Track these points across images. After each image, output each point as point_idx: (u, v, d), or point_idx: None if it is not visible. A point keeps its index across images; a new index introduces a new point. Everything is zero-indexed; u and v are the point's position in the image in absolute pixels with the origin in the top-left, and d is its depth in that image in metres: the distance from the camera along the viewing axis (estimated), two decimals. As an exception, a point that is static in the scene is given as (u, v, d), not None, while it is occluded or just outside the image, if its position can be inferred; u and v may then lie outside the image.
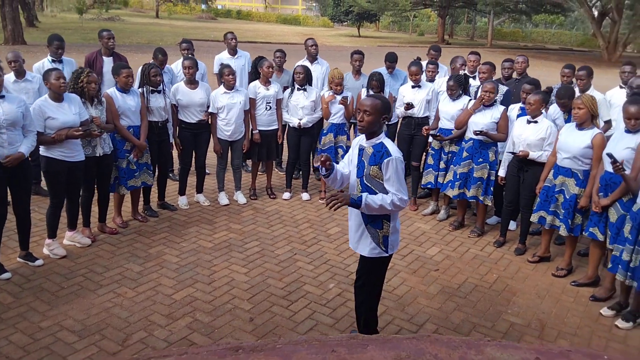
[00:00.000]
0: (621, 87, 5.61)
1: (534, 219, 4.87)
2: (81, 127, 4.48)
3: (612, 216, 4.19)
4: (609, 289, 4.41)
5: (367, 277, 3.43)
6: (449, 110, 5.67)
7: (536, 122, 4.87)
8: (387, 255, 3.35)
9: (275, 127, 6.20)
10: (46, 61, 5.90)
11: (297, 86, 6.08)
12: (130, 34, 28.54)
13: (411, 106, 5.88)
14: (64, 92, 4.46)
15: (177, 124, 5.77)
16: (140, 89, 5.31)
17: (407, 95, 6.04)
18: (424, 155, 6.21)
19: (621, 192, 4.08)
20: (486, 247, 5.36)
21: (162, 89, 5.45)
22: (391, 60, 6.58)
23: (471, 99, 5.65)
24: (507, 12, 43.75)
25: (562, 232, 4.64)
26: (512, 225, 5.68)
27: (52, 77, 4.35)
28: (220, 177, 6.15)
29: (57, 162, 4.47)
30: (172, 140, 5.73)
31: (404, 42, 39.08)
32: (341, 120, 6.11)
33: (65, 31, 25.20)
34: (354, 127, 6.61)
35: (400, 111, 6.12)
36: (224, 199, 6.13)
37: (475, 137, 5.30)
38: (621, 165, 3.86)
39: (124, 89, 5.08)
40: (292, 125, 6.19)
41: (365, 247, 3.33)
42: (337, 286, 4.43)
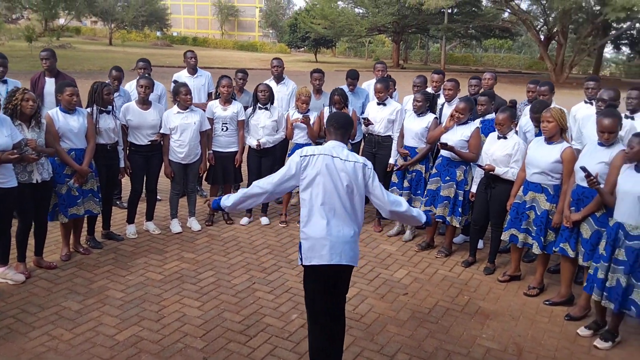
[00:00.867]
0: (586, 102, 5.59)
1: (505, 237, 4.67)
2: (15, 150, 4.01)
3: (585, 232, 4.04)
4: (583, 307, 4.23)
5: None
6: (413, 127, 5.49)
7: (505, 138, 4.74)
8: (303, 264, 3.10)
9: (233, 149, 5.86)
10: None
11: (259, 105, 5.80)
12: (81, 60, 27.64)
13: (369, 122, 5.67)
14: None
15: (127, 147, 5.35)
16: (88, 109, 4.89)
17: (371, 112, 5.85)
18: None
19: (594, 206, 3.94)
20: (455, 268, 5.13)
21: (112, 109, 5.06)
22: (353, 77, 6.40)
23: (436, 117, 5.51)
24: (458, 37, 45.38)
25: (536, 250, 4.46)
26: (480, 244, 5.49)
27: None
28: (173, 203, 5.73)
29: (-17, 188, 3.98)
30: (122, 164, 5.30)
31: (360, 67, 39.37)
32: (305, 140, 5.83)
33: (13, 59, 24.11)
34: None
35: (363, 128, 5.93)
36: (176, 227, 5.70)
37: (444, 154, 5.14)
38: (596, 179, 3.72)
39: (68, 109, 4.66)
40: (250, 145, 5.88)
41: None
42: (300, 316, 4.05)
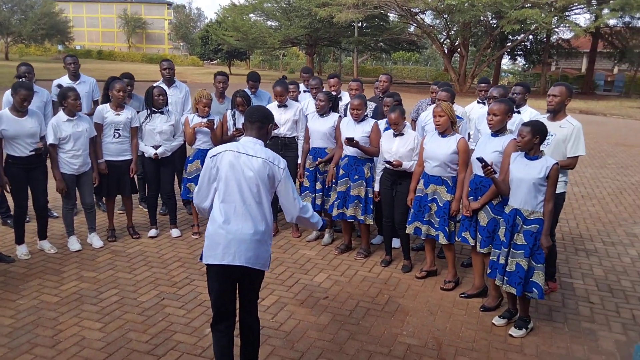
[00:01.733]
0: (479, 103, 5.93)
1: (410, 230, 4.73)
2: None
3: (483, 220, 4.16)
4: (495, 297, 4.33)
5: None
6: (318, 128, 5.42)
7: (402, 134, 4.80)
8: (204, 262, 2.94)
9: (126, 157, 5.42)
10: None
11: (154, 109, 5.44)
12: (-30, 74, 25.31)
13: (276, 126, 5.53)
14: None
15: (4, 160, 4.79)
16: None
17: (275, 114, 5.69)
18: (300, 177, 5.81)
19: (491, 195, 4.08)
20: (374, 268, 5.09)
21: None
22: (254, 79, 6.25)
23: (340, 116, 5.49)
24: (369, 50, 46.80)
25: (442, 240, 4.53)
26: (396, 242, 5.50)
27: None
28: (68, 219, 5.22)
29: None
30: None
31: (275, 79, 39.57)
32: (209, 145, 5.54)
33: None
34: None
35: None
36: (74, 244, 5.18)
37: (349, 153, 5.11)
38: (492, 168, 3.84)
39: None
40: (147, 155, 5.50)
41: None
42: (215, 330, 3.79)
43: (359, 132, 5.06)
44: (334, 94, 5.81)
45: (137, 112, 5.50)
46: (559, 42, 37.37)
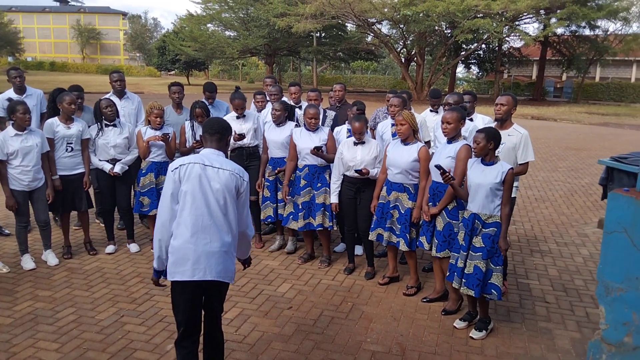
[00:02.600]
0: (431, 111, 6.07)
1: (372, 237, 4.79)
2: None
3: (439, 224, 4.27)
4: (456, 300, 4.42)
5: None
6: (275, 138, 5.42)
7: (363, 142, 4.87)
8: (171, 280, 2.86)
9: (80, 170, 5.27)
10: None
11: (105, 122, 5.32)
12: None
13: (243, 137, 5.51)
14: None
15: None
16: None
17: (233, 126, 5.67)
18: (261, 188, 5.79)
19: (447, 199, 4.20)
20: (337, 276, 5.11)
21: None
22: (210, 90, 6.20)
23: (297, 125, 5.52)
24: (328, 59, 47.22)
25: (403, 247, 4.60)
26: (358, 249, 5.55)
27: None
28: (21, 237, 5.02)
29: None
30: None
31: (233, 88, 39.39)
32: (163, 158, 5.45)
33: None
34: None
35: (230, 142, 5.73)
36: (28, 263, 4.99)
37: (308, 162, 5.14)
38: (450, 174, 3.94)
39: None
40: (105, 170, 5.35)
41: None
42: (177, 345, 3.72)
43: (317, 140, 5.10)
44: (291, 103, 5.83)
45: (89, 126, 5.37)
46: (510, 50, 38.77)
